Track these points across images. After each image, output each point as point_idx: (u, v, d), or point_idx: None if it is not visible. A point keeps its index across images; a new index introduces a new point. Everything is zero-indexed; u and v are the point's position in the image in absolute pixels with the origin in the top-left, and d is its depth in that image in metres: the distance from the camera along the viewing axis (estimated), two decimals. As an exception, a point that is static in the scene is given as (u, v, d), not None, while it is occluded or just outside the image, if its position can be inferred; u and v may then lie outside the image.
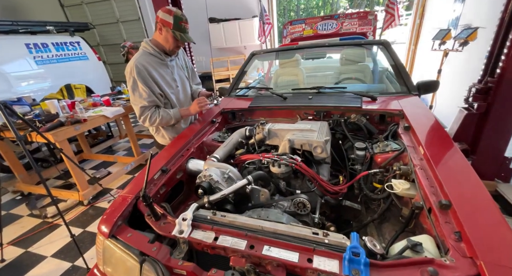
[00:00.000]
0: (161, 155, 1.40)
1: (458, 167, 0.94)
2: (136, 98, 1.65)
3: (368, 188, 1.20)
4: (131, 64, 1.60)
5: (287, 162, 1.19)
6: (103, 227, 0.99)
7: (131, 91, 1.65)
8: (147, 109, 1.67)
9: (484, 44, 2.71)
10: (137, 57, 1.63)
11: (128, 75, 1.62)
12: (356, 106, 1.53)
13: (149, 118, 1.68)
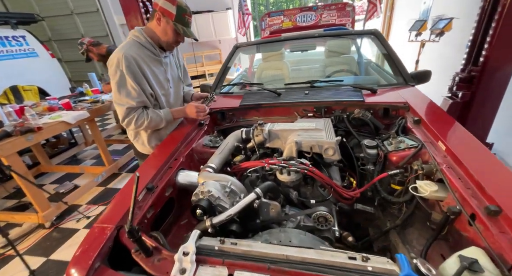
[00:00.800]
0: (144, 168, 1.16)
1: (491, 165, 0.86)
2: (122, 97, 1.34)
3: (385, 190, 1.09)
4: (118, 55, 1.28)
5: (297, 168, 1.03)
6: (74, 272, 0.75)
7: (116, 87, 1.33)
8: (133, 110, 1.38)
9: (459, 34, 2.81)
10: (126, 47, 1.32)
11: (113, 67, 1.30)
12: (359, 100, 1.42)
13: (135, 121, 1.38)
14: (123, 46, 1.34)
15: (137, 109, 1.40)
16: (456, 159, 0.91)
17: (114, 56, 1.30)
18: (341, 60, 2.56)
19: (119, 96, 1.35)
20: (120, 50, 1.30)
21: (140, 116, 1.39)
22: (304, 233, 0.85)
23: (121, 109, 1.37)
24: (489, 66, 1.90)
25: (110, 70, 1.32)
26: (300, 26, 3.70)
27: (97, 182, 2.85)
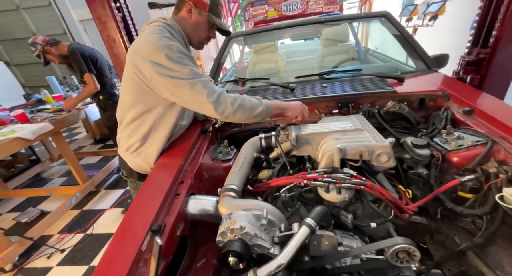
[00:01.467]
0: (143, 199, 0.85)
1: None
2: (190, 66, 0.95)
3: (449, 199, 0.90)
4: (163, 40, 0.93)
5: (350, 183, 0.80)
6: None
7: (174, 58, 0.92)
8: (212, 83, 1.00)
9: (452, 17, 2.76)
10: (165, 34, 0.97)
11: (163, 43, 0.93)
12: (391, 90, 1.21)
13: (229, 98, 0.98)
14: (157, 31, 0.96)
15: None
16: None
17: (156, 39, 0.93)
18: (340, 48, 2.36)
19: (183, 67, 0.93)
20: (160, 35, 0.95)
21: (228, 95, 0.99)
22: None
23: (194, 84, 0.93)
24: (500, 46, 1.81)
25: (155, 49, 0.92)
26: (286, 15, 3.46)
27: (70, 205, 2.40)
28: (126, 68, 1.02)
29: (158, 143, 1.08)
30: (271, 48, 2.41)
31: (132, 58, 0.97)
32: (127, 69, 1.01)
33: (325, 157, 0.91)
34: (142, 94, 1.01)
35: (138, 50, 0.96)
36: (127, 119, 1.07)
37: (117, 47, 2.12)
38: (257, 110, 1.02)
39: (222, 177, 1.08)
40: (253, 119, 1.03)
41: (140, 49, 0.95)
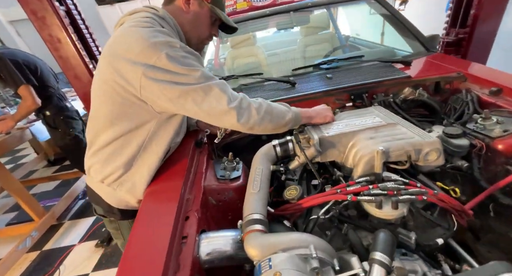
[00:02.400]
0: (137, 251, 0.59)
1: None
2: (201, 69, 0.72)
3: (502, 193, 0.79)
4: (158, 35, 0.70)
5: (410, 195, 0.64)
6: None
7: (178, 58, 0.70)
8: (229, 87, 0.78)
9: (422, 0, 2.81)
10: (158, 27, 0.74)
11: (159, 39, 0.69)
12: (404, 76, 1.09)
13: (253, 103, 0.77)
14: (151, 30, 0.71)
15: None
16: None
17: (151, 36, 0.69)
18: (322, 37, 2.25)
19: (204, 73, 0.72)
20: (158, 33, 0.71)
21: (250, 100, 0.78)
22: None
23: (221, 89, 0.73)
24: (479, 24, 1.83)
25: (152, 50, 0.67)
26: (257, 6, 3.24)
27: (25, 249, 1.94)
28: (100, 76, 0.75)
29: (148, 169, 0.80)
30: (250, 40, 2.20)
31: (112, 62, 0.70)
32: (103, 78, 0.74)
33: (362, 162, 0.74)
34: (127, 107, 0.74)
35: (120, 50, 0.69)
36: (103, 140, 0.78)
37: (64, 48, 1.72)
38: (286, 117, 0.81)
39: (232, 200, 0.86)
40: (281, 129, 0.82)
41: (124, 49, 0.69)
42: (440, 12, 2.33)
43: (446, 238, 0.66)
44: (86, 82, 1.82)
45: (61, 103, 2.06)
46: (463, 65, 1.12)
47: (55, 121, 2.02)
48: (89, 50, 1.87)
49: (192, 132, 1.03)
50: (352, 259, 0.58)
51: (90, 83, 1.10)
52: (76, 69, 1.80)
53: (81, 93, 1.85)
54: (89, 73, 1.82)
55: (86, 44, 1.86)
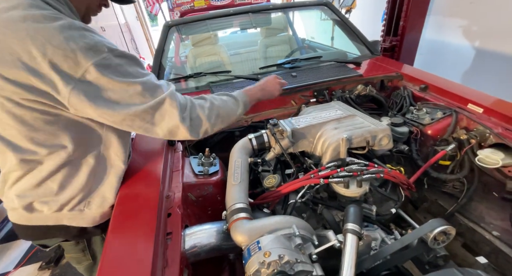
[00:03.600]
0: (118, 251, 0.57)
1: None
2: (141, 77, 0.64)
3: (432, 168, 0.98)
4: (74, 28, 0.56)
5: (371, 174, 0.75)
6: None
7: (113, 69, 0.59)
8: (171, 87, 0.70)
9: (362, 10, 3.18)
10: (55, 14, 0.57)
11: (84, 49, 0.56)
12: (357, 75, 1.25)
13: (201, 110, 0.74)
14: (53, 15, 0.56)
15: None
16: (505, 118, 0.87)
17: (63, 26, 0.55)
18: (280, 38, 2.37)
19: (147, 85, 0.64)
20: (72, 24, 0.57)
21: (195, 102, 0.74)
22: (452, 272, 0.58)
23: (172, 101, 0.66)
24: (406, 34, 2.19)
25: (78, 49, 0.55)
26: (215, 5, 3.24)
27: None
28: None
29: (115, 176, 0.74)
30: (212, 39, 2.19)
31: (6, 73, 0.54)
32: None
33: (330, 149, 0.84)
34: (60, 126, 0.63)
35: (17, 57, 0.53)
36: (45, 169, 0.65)
37: None
38: (237, 113, 0.84)
39: (212, 195, 0.87)
40: (233, 123, 0.85)
41: (28, 50, 0.53)
42: (378, 22, 2.68)
43: (397, 208, 0.80)
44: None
45: None
46: (399, 67, 1.34)
47: None
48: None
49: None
50: (328, 233, 0.67)
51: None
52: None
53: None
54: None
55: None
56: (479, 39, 2.15)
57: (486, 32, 2.11)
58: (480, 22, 2.14)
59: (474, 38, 2.19)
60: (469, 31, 2.23)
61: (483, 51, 2.15)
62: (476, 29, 2.16)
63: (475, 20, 2.17)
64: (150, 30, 5.41)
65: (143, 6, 5.14)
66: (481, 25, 2.12)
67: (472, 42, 2.22)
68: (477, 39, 2.17)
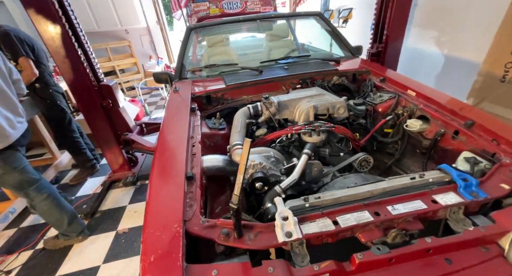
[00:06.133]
0: (169, 155, 0.97)
1: (447, 97, 1.23)
2: None
3: (380, 135, 1.36)
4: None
5: (326, 127, 1.13)
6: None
7: None
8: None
9: (357, 21, 3.58)
10: None
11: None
12: (334, 69, 1.64)
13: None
14: None
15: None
16: (427, 99, 1.24)
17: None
18: (283, 43, 2.78)
19: None
20: None
21: None
22: (361, 175, 0.96)
23: None
24: (390, 42, 2.57)
25: None
26: (228, 13, 3.70)
27: (5, 223, 2.01)
28: None
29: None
30: (225, 41, 2.62)
31: None
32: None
33: (303, 114, 1.23)
34: None
35: None
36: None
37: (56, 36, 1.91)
38: None
39: (220, 144, 1.26)
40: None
41: None
42: (369, 30, 3.07)
43: (345, 153, 1.17)
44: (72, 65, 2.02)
45: (50, 79, 2.28)
46: (369, 65, 1.73)
47: (45, 93, 2.24)
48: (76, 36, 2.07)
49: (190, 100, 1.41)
50: (294, 159, 1.05)
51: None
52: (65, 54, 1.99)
53: (65, 74, 2.04)
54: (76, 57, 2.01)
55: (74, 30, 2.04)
56: (447, 48, 2.53)
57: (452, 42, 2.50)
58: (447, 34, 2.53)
59: (443, 47, 2.57)
60: (439, 41, 2.61)
61: (450, 57, 2.54)
62: (444, 40, 2.54)
63: (443, 32, 2.57)
64: (168, 34, 5.94)
65: (163, 12, 5.69)
66: (448, 36, 2.50)
67: (442, 50, 2.59)
68: (445, 47, 2.55)
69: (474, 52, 2.28)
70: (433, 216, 0.77)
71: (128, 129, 2.56)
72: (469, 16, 2.32)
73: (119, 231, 1.98)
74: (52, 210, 1.71)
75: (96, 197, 2.34)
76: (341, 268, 0.66)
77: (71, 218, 1.79)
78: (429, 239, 0.69)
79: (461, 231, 0.71)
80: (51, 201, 1.70)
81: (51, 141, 2.69)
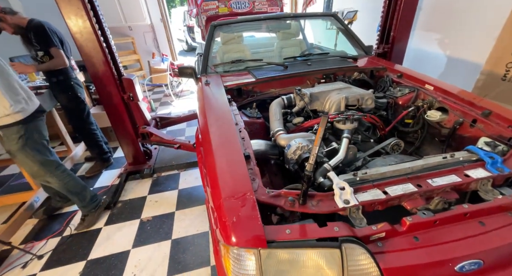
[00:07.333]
0: (223, 140, 1.05)
1: (463, 91, 1.36)
2: None
3: (399, 123, 1.48)
4: None
5: (359, 116, 1.25)
6: (246, 237, 0.69)
7: None
8: None
9: (361, 23, 3.74)
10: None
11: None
12: (354, 65, 1.76)
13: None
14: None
15: None
16: (445, 92, 1.37)
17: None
18: (293, 42, 2.89)
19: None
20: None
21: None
22: (397, 155, 1.08)
23: None
24: (396, 43, 2.72)
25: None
26: (237, 12, 3.79)
27: (30, 212, 2.04)
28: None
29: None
30: (239, 39, 2.71)
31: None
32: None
33: (334, 104, 1.34)
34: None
35: None
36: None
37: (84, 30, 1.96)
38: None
39: (257, 132, 1.36)
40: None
41: None
42: (373, 32, 3.23)
43: (374, 139, 1.29)
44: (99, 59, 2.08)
45: (71, 72, 2.34)
46: (384, 62, 1.86)
47: (66, 85, 2.30)
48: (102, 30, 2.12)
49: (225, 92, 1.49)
50: (332, 143, 1.16)
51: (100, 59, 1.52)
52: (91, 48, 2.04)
53: (90, 67, 2.10)
54: (102, 51, 2.07)
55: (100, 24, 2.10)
56: (450, 49, 2.71)
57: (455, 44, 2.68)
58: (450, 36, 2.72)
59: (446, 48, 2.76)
60: (442, 43, 2.80)
61: (453, 58, 2.72)
62: (447, 41, 2.72)
63: (447, 34, 2.75)
64: (171, 32, 5.97)
65: (167, 9, 5.72)
66: (451, 38, 2.69)
67: (444, 51, 2.78)
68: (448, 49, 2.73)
69: (476, 53, 2.46)
70: (466, 188, 0.89)
71: (145, 122, 2.62)
72: (471, 19, 2.50)
73: (143, 219, 2.04)
74: (75, 179, 1.87)
75: (115, 188, 2.39)
76: (394, 229, 0.77)
77: (88, 189, 1.97)
78: (466, 205, 0.81)
79: (492, 199, 0.83)
80: (70, 174, 1.85)
81: (67, 134, 2.72)
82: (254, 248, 0.68)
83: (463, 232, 0.79)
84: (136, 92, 2.43)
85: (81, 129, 2.53)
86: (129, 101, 2.38)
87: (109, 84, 2.22)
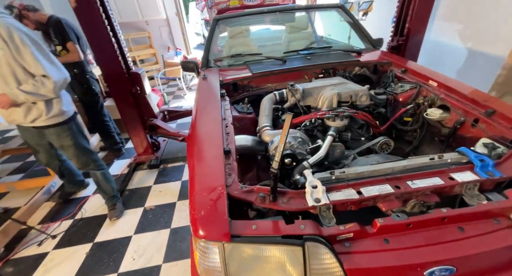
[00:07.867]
0: (207, 133, 1.08)
1: (468, 88, 1.27)
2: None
3: (397, 122, 1.42)
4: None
5: (349, 113, 1.21)
6: (211, 231, 0.71)
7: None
8: None
9: (377, 14, 3.55)
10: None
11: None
12: (356, 60, 1.69)
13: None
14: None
15: None
16: (449, 89, 1.28)
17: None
18: (302, 35, 2.82)
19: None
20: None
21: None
22: (383, 155, 1.05)
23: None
24: (411, 35, 2.56)
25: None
26: (247, 5, 3.75)
27: (46, 196, 2.23)
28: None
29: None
30: (245, 33, 2.69)
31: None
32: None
33: (327, 101, 1.31)
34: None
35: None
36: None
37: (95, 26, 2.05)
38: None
39: (247, 127, 1.37)
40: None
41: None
42: (389, 23, 3.05)
43: (366, 137, 1.25)
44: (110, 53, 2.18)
45: (87, 66, 2.50)
46: (390, 56, 1.77)
47: (82, 78, 2.45)
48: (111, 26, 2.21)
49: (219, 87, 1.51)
50: (318, 140, 1.14)
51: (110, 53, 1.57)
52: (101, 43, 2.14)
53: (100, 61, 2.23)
54: (111, 46, 2.16)
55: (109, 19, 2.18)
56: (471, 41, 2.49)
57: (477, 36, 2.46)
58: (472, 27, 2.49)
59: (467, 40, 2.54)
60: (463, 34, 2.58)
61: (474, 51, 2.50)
62: (468, 33, 2.50)
63: (468, 25, 2.53)
64: (186, 26, 6.05)
65: (182, 4, 5.79)
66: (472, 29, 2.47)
67: (465, 43, 2.56)
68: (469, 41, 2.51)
69: (500, 46, 2.25)
70: (450, 191, 0.85)
71: (153, 115, 2.72)
72: (495, 8, 2.28)
73: (146, 208, 2.15)
74: (109, 174, 2.07)
75: (124, 177, 2.53)
76: (363, 230, 0.76)
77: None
78: (445, 210, 0.77)
79: (475, 204, 0.79)
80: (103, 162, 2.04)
81: (83, 124, 2.90)
82: (218, 241, 0.70)
83: (439, 237, 0.76)
84: (144, 86, 2.52)
85: (95, 120, 2.69)
86: (137, 94, 2.48)
87: (118, 78, 2.32)
